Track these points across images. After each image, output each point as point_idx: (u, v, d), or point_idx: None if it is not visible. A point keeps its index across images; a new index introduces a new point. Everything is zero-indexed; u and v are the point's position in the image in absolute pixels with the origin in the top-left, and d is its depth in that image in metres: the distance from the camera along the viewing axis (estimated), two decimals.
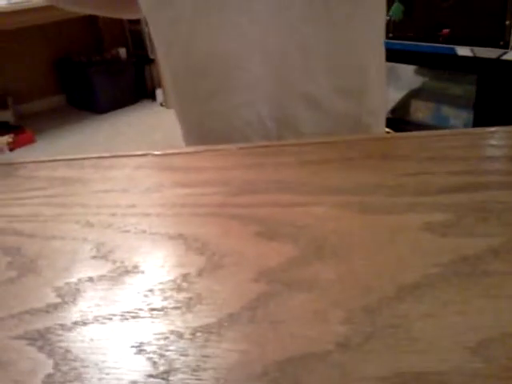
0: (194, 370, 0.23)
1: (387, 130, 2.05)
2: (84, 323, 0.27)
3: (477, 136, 0.42)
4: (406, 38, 1.78)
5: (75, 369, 0.24)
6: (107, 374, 0.23)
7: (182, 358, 0.24)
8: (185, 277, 0.29)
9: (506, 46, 1.50)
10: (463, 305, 0.24)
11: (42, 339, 0.26)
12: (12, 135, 3.05)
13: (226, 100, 0.55)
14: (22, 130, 3.20)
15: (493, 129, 0.43)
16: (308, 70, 0.53)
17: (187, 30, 0.54)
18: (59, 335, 0.26)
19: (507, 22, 1.47)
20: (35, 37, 3.35)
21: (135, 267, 0.31)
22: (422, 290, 0.26)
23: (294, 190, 0.36)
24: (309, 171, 0.38)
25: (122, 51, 3.46)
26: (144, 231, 0.34)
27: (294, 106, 0.54)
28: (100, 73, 3.41)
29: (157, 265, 0.31)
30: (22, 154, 2.99)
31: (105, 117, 3.47)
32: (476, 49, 1.59)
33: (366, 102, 0.57)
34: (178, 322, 0.26)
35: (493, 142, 0.41)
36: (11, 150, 3.03)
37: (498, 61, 1.54)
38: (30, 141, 3.16)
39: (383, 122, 0.63)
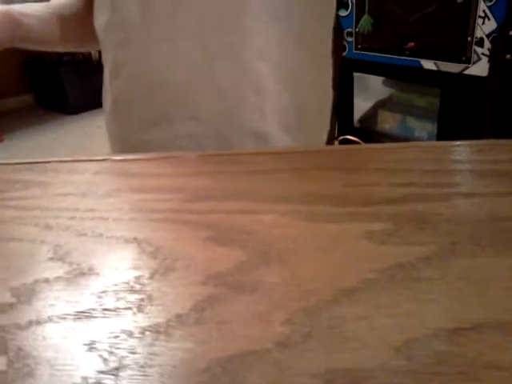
0: (142, 367, 0.24)
1: (354, 138, 2.09)
2: (38, 322, 0.28)
3: (423, 150, 0.44)
4: (373, 49, 1.83)
5: (28, 366, 0.25)
6: (58, 370, 0.25)
7: (131, 355, 0.25)
8: (137, 279, 0.30)
9: (467, 62, 1.56)
10: (393, 308, 0.26)
11: None
12: None
13: (169, 130, 0.55)
14: None
15: (438, 143, 0.46)
16: (260, 108, 0.54)
17: (136, 55, 0.53)
18: (13, 334, 0.27)
19: (469, 39, 1.53)
20: None
21: (90, 269, 0.32)
22: (357, 293, 0.28)
23: (245, 198, 0.38)
24: (261, 180, 0.40)
25: (94, 53, 3.43)
26: (101, 235, 0.35)
27: (240, 141, 0.54)
28: (71, 73, 3.38)
29: (111, 267, 0.32)
30: None
31: (74, 118, 3.44)
32: (440, 63, 1.64)
33: (305, 137, 0.59)
34: (128, 322, 0.27)
35: (437, 156, 0.44)
36: None
37: (460, 75, 1.60)
38: None
39: None
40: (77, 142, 3.05)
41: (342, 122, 2.04)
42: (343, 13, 1.88)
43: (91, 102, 3.44)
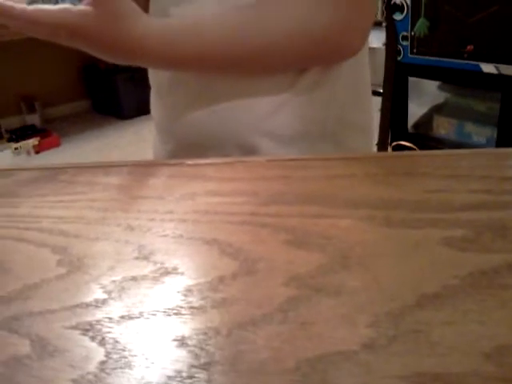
0: (232, 364, 0.25)
1: (409, 144, 2.05)
2: (130, 317, 0.29)
3: (496, 156, 0.44)
4: (430, 53, 1.80)
5: (125, 357, 0.26)
6: (153, 363, 0.26)
7: (220, 351, 0.26)
8: (220, 279, 0.32)
9: None
10: (481, 314, 0.26)
11: (92, 330, 0.28)
12: (38, 138, 3.13)
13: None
14: (48, 134, 3.28)
15: None
16: None
17: None
18: (108, 327, 0.29)
19: None
20: None
21: (174, 269, 0.33)
22: (441, 299, 0.28)
23: (320, 203, 0.38)
24: (334, 185, 0.41)
25: None
26: (181, 236, 0.37)
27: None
28: (126, 80, 3.49)
29: (194, 267, 0.33)
30: (47, 157, 3.06)
31: (128, 123, 3.54)
32: (501, 66, 1.59)
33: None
34: (215, 320, 0.28)
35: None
36: (37, 152, 3.11)
37: None
38: (56, 144, 3.24)
39: None
40: (131, 146, 3.14)
41: (396, 128, 2.01)
42: (398, 16, 1.86)
43: (145, 107, 3.52)
